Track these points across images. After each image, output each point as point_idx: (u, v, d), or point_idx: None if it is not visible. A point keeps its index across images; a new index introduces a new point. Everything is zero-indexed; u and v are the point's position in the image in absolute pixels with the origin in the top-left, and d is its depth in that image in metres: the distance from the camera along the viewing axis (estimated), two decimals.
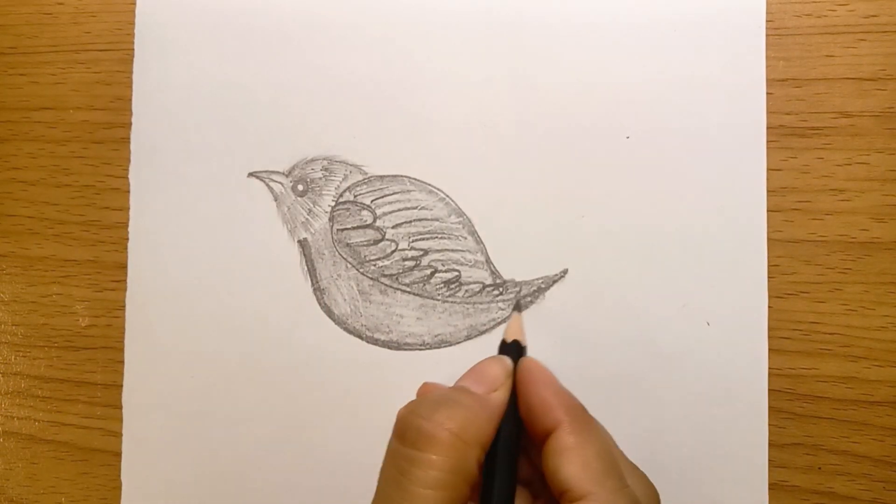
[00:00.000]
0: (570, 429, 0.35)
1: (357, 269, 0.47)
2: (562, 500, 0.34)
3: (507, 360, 0.38)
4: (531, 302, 0.46)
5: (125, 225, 0.50)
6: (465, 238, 0.47)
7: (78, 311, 0.51)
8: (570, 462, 0.34)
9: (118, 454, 0.50)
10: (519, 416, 0.37)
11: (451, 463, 0.33)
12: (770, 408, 0.44)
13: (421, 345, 0.47)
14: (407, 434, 0.34)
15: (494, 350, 0.43)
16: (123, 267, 0.50)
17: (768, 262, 0.45)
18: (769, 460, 0.44)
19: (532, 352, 0.45)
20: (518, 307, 0.45)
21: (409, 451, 0.34)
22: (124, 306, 0.50)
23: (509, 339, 0.40)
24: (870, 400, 0.44)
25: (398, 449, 0.34)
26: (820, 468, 0.44)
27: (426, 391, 0.42)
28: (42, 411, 0.51)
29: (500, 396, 0.37)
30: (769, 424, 0.44)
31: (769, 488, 0.44)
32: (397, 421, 0.36)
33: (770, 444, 0.44)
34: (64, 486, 0.51)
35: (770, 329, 0.45)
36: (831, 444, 0.44)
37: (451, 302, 0.47)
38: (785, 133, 0.45)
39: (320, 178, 0.48)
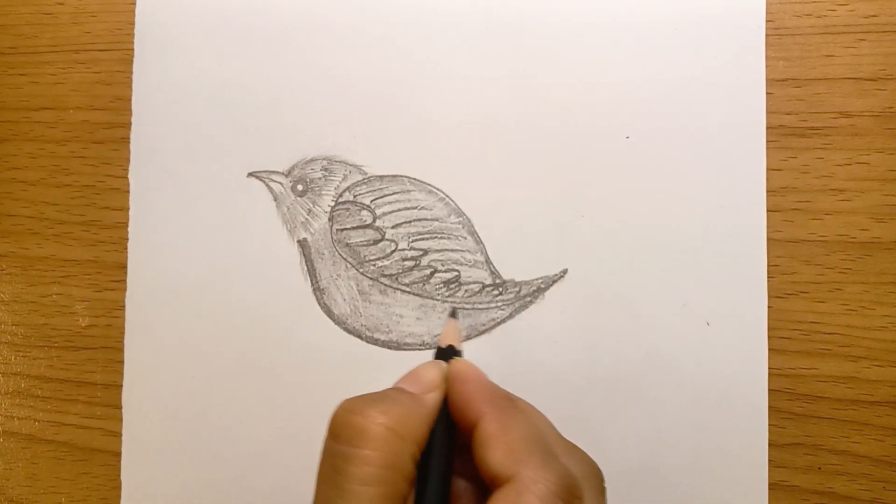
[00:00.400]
0: (491, 418, 0.35)
1: (357, 269, 0.47)
2: (492, 488, 0.33)
3: (443, 364, 0.38)
4: (531, 302, 0.46)
5: (125, 225, 0.50)
6: (465, 238, 0.47)
7: (78, 311, 0.51)
8: (494, 449, 0.33)
9: (118, 454, 0.50)
10: (451, 419, 0.37)
11: (386, 458, 0.32)
12: (770, 408, 0.44)
13: (420, 345, 0.47)
14: (341, 431, 0.34)
15: (494, 350, 0.43)
16: (123, 267, 0.50)
17: (768, 262, 0.45)
18: (769, 460, 0.44)
19: (531, 352, 0.45)
20: (453, 314, 0.45)
21: (343, 448, 0.33)
22: (124, 306, 0.50)
23: (444, 345, 0.40)
24: (870, 400, 0.44)
25: (332, 447, 0.34)
26: (820, 468, 0.44)
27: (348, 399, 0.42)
28: (42, 411, 0.51)
29: (435, 397, 0.36)
30: (769, 424, 0.44)
31: (769, 488, 0.44)
32: (331, 419, 0.35)
33: (770, 444, 0.44)
34: (64, 486, 0.51)
35: (770, 329, 0.45)
36: (831, 444, 0.44)
37: (451, 302, 0.47)
38: (785, 133, 0.45)
39: (320, 178, 0.48)
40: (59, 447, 0.51)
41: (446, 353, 0.39)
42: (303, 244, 0.48)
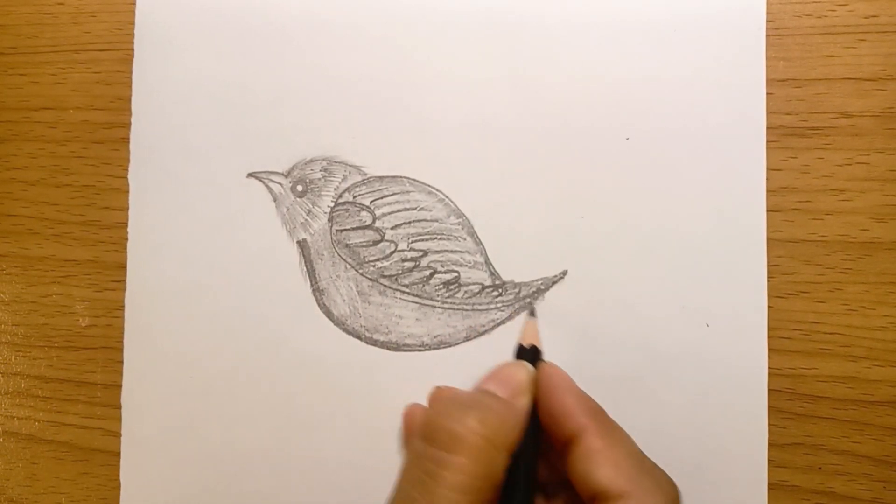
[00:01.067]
0: (596, 432, 0.35)
1: (356, 270, 0.47)
2: (595, 503, 0.33)
3: (529, 366, 0.38)
4: (531, 303, 0.46)
5: (125, 225, 0.50)
6: (465, 239, 0.47)
7: (78, 311, 0.51)
8: (601, 465, 0.33)
9: (118, 454, 0.50)
10: (538, 421, 0.37)
11: (480, 468, 0.33)
12: (770, 408, 0.44)
13: (420, 346, 0.47)
14: (436, 436, 0.34)
15: (493, 351, 0.44)
16: (123, 267, 0.50)
17: (768, 262, 0.45)
18: (769, 460, 0.44)
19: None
20: (532, 312, 0.45)
21: (437, 453, 0.33)
22: (124, 306, 0.50)
23: (527, 344, 0.40)
24: (870, 400, 0.44)
25: (425, 450, 0.34)
26: (820, 468, 0.44)
27: (439, 396, 0.42)
28: (42, 411, 0.51)
29: (526, 402, 0.36)
30: (769, 424, 0.44)
31: (769, 488, 0.44)
32: (425, 422, 0.35)
33: (770, 444, 0.44)
34: (64, 486, 0.51)
35: (770, 329, 0.45)
36: (831, 444, 0.44)
37: (451, 303, 0.47)
38: (785, 133, 0.45)
39: (319, 179, 0.48)
40: (59, 447, 0.51)
41: (528, 354, 0.39)
42: (302, 245, 0.48)
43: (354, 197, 0.48)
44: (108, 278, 0.51)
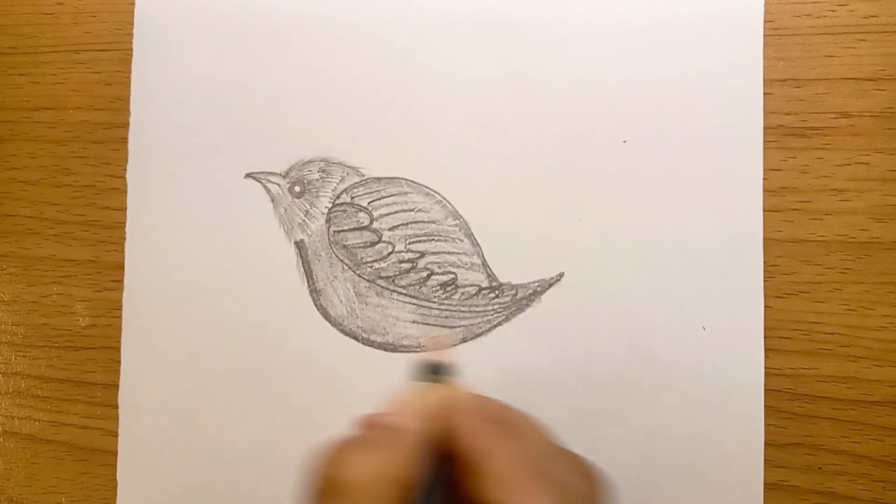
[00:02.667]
0: (476, 448, 0.32)
1: (353, 271, 0.47)
2: None
3: (419, 386, 0.36)
4: (527, 305, 0.46)
5: (125, 225, 0.50)
6: (462, 241, 0.47)
7: (78, 311, 0.51)
8: (483, 482, 0.31)
9: (118, 454, 0.50)
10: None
11: None
12: (770, 408, 0.44)
13: (417, 347, 0.47)
14: (322, 486, 0.31)
15: (490, 353, 0.44)
16: (123, 267, 0.50)
17: (768, 262, 0.45)
18: (769, 460, 0.44)
19: (528, 355, 0.45)
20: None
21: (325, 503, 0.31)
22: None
23: (430, 361, 0.37)
24: (870, 400, 0.44)
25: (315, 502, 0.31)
26: (820, 468, 0.44)
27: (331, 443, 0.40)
28: (42, 411, 0.51)
29: (416, 429, 0.33)
30: (769, 424, 0.44)
31: (769, 488, 0.44)
32: (313, 476, 0.32)
33: (770, 444, 0.44)
34: (64, 486, 0.51)
35: (770, 329, 0.44)
36: (831, 444, 0.44)
37: (448, 305, 0.47)
38: (785, 133, 0.45)
39: (317, 180, 0.48)
40: (59, 447, 0.51)
41: (433, 370, 0.37)
42: (300, 245, 0.48)
43: (352, 198, 0.48)
44: (108, 278, 0.51)
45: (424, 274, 0.47)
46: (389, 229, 0.47)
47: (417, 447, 0.33)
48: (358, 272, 0.47)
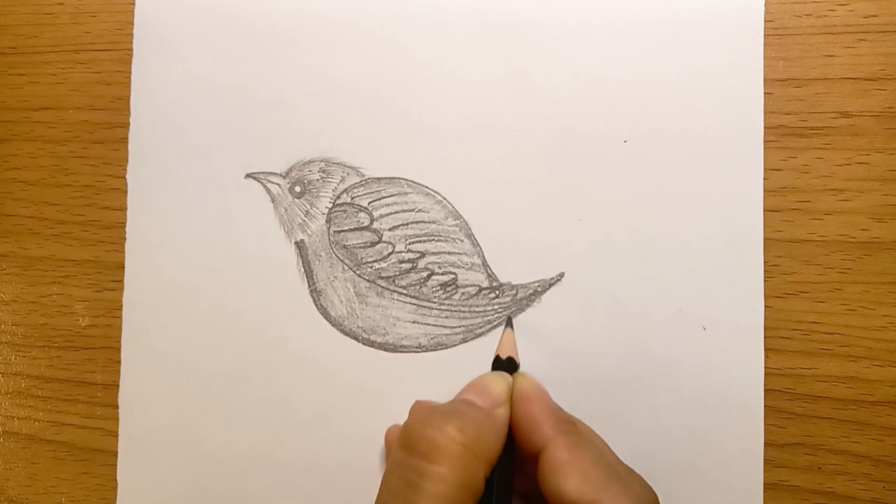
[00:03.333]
0: (563, 444, 0.34)
1: (354, 271, 0.47)
2: None
3: (508, 377, 0.38)
4: (527, 305, 0.46)
5: (125, 225, 0.50)
6: (462, 241, 0.47)
7: (78, 311, 0.51)
8: (568, 476, 0.33)
9: (118, 454, 0.50)
10: (511, 432, 0.37)
11: (460, 477, 0.32)
12: (770, 408, 0.44)
13: (417, 347, 0.47)
14: (417, 445, 0.33)
15: (490, 353, 0.44)
16: (123, 267, 0.50)
17: (768, 262, 0.45)
18: (769, 460, 0.44)
19: (528, 356, 0.45)
20: (510, 323, 0.45)
21: (417, 463, 0.33)
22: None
23: (504, 356, 0.39)
24: (870, 400, 0.44)
25: (405, 460, 0.33)
26: (820, 468, 0.44)
27: (418, 407, 0.42)
28: (42, 411, 0.51)
29: (504, 413, 0.36)
30: (769, 424, 0.44)
31: (769, 488, 0.44)
32: (404, 430, 0.34)
33: (770, 444, 0.44)
34: (64, 486, 0.51)
35: (770, 329, 0.45)
36: (831, 444, 0.44)
37: (448, 305, 0.47)
38: (785, 133, 0.45)
39: (318, 180, 0.48)
40: (59, 447, 0.51)
41: (505, 364, 0.39)
42: (300, 246, 0.48)
43: (352, 198, 0.48)
44: (108, 278, 0.51)
45: (425, 274, 0.47)
46: (390, 229, 0.47)
47: (502, 428, 0.35)
48: (358, 272, 0.47)
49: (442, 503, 0.31)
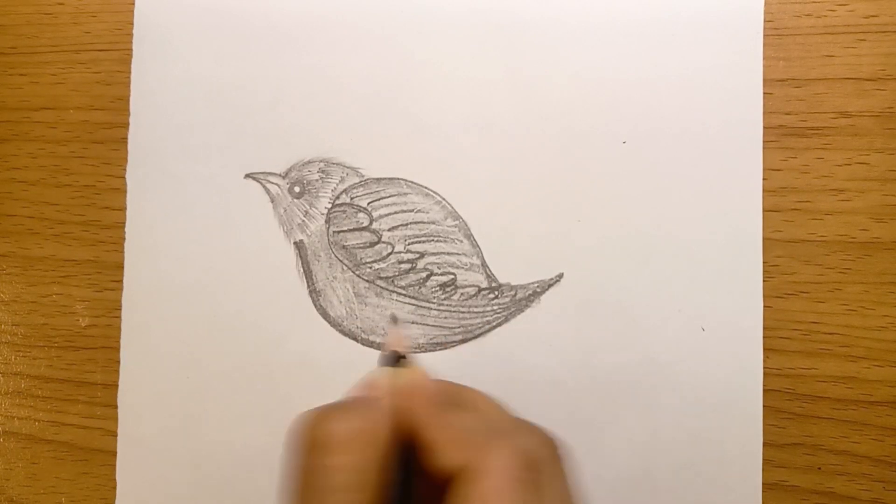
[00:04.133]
0: (427, 422, 0.34)
1: (353, 272, 0.47)
2: (451, 486, 0.33)
3: (388, 370, 0.38)
4: (526, 305, 0.46)
5: (125, 225, 0.50)
6: (461, 241, 0.47)
7: (78, 311, 0.51)
8: (437, 450, 0.32)
9: (117, 454, 0.50)
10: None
11: (357, 462, 0.31)
12: (770, 408, 0.44)
13: (416, 347, 0.47)
14: (307, 444, 0.33)
15: (489, 353, 0.44)
16: (123, 267, 0.50)
17: (769, 262, 0.45)
18: (769, 460, 0.44)
19: (527, 355, 0.45)
20: (394, 319, 0.45)
21: (313, 462, 0.32)
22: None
23: (388, 350, 0.39)
24: (870, 400, 0.44)
25: (301, 462, 0.33)
26: (820, 468, 0.44)
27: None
28: (42, 411, 0.51)
29: (385, 400, 0.36)
30: (769, 424, 0.44)
31: (770, 488, 0.44)
32: (294, 436, 0.34)
33: (769, 444, 0.44)
34: (64, 486, 0.51)
35: (770, 329, 0.45)
36: (831, 444, 0.44)
37: (447, 305, 0.47)
38: (784, 133, 0.45)
39: (317, 180, 0.48)
40: (59, 447, 0.51)
41: (390, 359, 0.39)
42: (299, 246, 0.48)
43: (352, 198, 0.48)
44: (108, 278, 0.51)
45: (424, 274, 0.47)
46: (389, 230, 0.47)
47: (383, 413, 0.34)
48: (357, 273, 0.47)
49: (347, 491, 0.31)
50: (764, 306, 0.45)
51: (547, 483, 0.32)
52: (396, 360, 0.38)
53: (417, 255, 0.47)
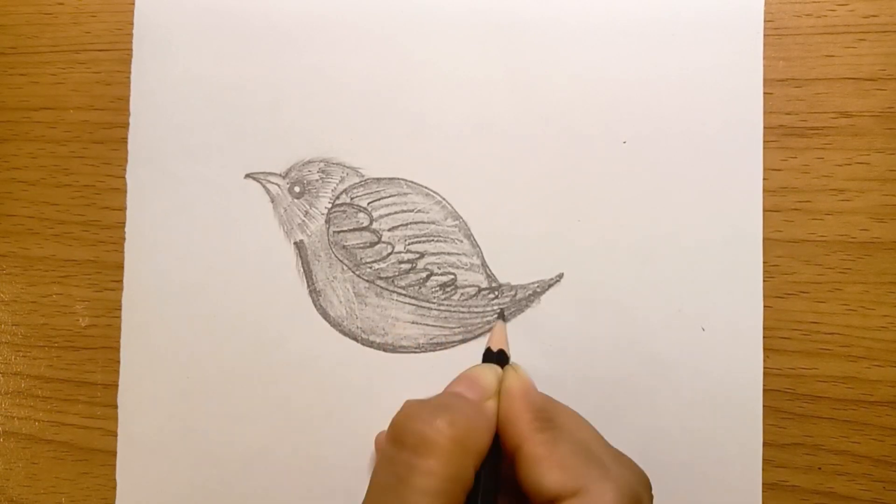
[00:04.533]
0: (537, 441, 0.34)
1: (353, 272, 0.47)
2: None
3: (497, 369, 0.38)
4: (526, 306, 0.46)
5: (125, 225, 0.50)
6: (462, 241, 0.47)
7: (78, 311, 0.51)
8: (547, 469, 0.33)
9: (117, 454, 0.50)
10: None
11: (451, 471, 0.32)
12: (770, 408, 0.44)
13: (416, 347, 0.47)
14: (406, 439, 0.33)
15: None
16: (123, 267, 0.50)
17: (769, 262, 0.45)
18: (769, 460, 0.44)
19: (527, 356, 0.45)
20: (502, 316, 0.45)
21: (407, 457, 0.32)
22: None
23: (495, 349, 0.39)
24: (870, 400, 0.44)
25: (395, 454, 0.33)
26: (820, 468, 0.44)
27: (408, 404, 0.42)
28: (42, 411, 0.51)
29: (493, 406, 0.36)
30: (769, 424, 0.44)
31: (770, 488, 0.44)
32: (393, 425, 0.34)
33: (769, 444, 0.44)
34: (64, 486, 0.51)
35: (770, 329, 0.45)
36: (831, 444, 0.44)
37: (447, 305, 0.47)
38: (784, 133, 0.45)
39: (317, 180, 0.48)
40: (59, 447, 0.51)
41: (496, 357, 0.39)
42: (299, 246, 0.48)
43: (352, 198, 0.48)
44: (108, 278, 0.51)
45: (424, 274, 0.47)
46: (389, 230, 0.47)
47: (492, 421, 0.35)
48: (357, 273, 0.47)
49: (432, 497, 0.31)
50: (764, 306, 0.45)
51: None
52: (500, 359, 0.38)
53: (417, 255, 0.47)
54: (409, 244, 0.47)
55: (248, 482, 0.48)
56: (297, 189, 0.48)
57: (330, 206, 0.48)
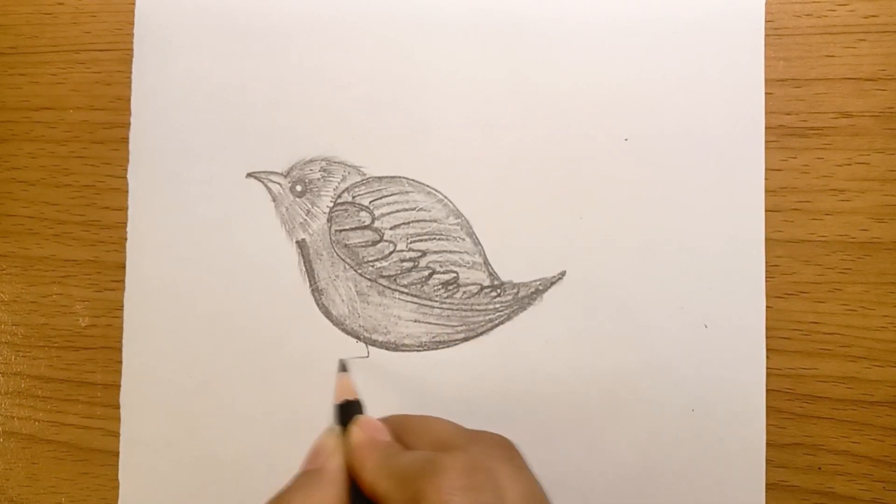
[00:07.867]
0: (382, 487, 0.34)
1: (355, 270, 0.47)
2: None
3: (338, 430, 0.38)
4: (529, 304, 0.46)
5: (125, 225, 0.50)
6: (464, 239, 0.47)
7: (78, 311, 0.51)
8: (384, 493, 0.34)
9: (118, 454, 0.50)
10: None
11: None
12: (770, 408, 0.44)
13: (418, 346, 0.47)
14: None
15: (491, 352, 0.44)
16: (123, 267, 0.50)
17: (769, 262, 0.45)
18: (769, 460, 0.44)
19: (529, 354, 0.45)
20: (343, 367, 0.44)
21: None
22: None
23: (339, 401, 0.39)
24: (870, 400, 0.44)
25: None
26: (820, 468, 0.44)
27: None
28: (42, 411, 0.51)
29: (335, 462, 0.36)
30: (769, 424, 0.44)
31: (769, 488, 0.44)
32: None
33: (770, 444, 0.44)
34: (64, 486, 0.51)
35: (770, 329, 0.45)
36: (831, 444, 0.44)
37: (449, 303, 0.47)
38: (785, 133, 0.45)
39: (319, 179, 0.48)
40: (59, 447, 0.51)
41: (344, 410, 0.39)
42: (301, 245, 0.48)
43: (353, 197, 0.48)
44: (108, 278, 0.51)
45: (426, 273, 0.47)
46: (391, 228, 0.47)
47: (336, 480, 0.36)
48: (359, 271, 0.47)
49: None
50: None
51: (506, 479, 0.32)
52: (347, 408, 0.38)
53: (419, 254, 0.47)
54: (411, 242, 0.47)
55: (249, 481, 0.48)
56: (298, 188, 0.48)
57: (332, 204, 0.48)
